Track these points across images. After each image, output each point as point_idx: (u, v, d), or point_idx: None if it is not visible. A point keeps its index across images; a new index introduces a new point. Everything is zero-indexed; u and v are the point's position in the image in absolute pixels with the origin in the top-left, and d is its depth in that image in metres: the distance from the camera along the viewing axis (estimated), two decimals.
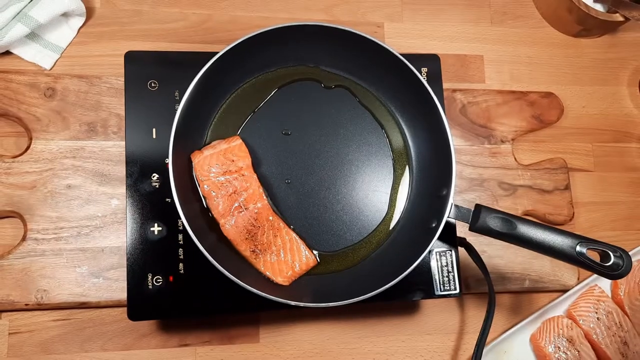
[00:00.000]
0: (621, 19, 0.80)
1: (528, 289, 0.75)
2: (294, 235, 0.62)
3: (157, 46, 0.72)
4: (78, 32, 0.71)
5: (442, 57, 0.72)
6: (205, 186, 0.60)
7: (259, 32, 0.60)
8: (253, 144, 0.64)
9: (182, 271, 0.60)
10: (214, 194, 0.60)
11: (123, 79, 0.63)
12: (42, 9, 0.65)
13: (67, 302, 0.62)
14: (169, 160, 0.56)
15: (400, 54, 0.63)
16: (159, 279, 0.59)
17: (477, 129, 0.77)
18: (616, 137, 0.85)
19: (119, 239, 0.64)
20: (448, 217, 0.60)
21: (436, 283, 0.66)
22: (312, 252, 0.63)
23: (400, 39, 0.80)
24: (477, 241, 0.69)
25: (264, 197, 0.62)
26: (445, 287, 0.66)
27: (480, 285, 0.71)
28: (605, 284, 0.77)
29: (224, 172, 0.61)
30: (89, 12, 0.71)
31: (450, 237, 0.67)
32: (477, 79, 0.81)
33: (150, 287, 0.59)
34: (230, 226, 0.60)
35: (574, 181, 0.81)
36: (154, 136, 0.62)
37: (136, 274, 0.59)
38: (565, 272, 0.76)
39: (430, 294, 0.66)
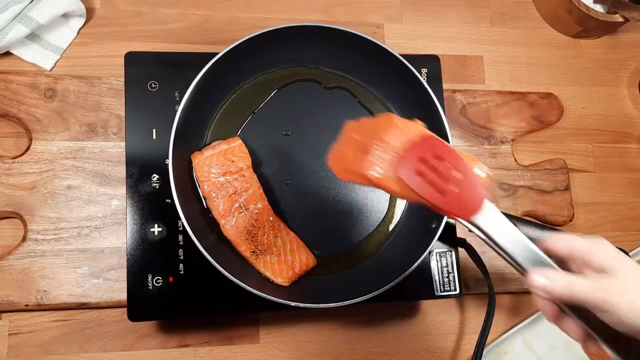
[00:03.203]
0: (621, 19, 0.80)
1: (528, 290, 0.74)
2: (294, 235, 0.62)
3: (157, 47, 0.72)
4: (78, 32, 0.71)
5: (442, 58, 0.72)
6: (205, 187, 0.60)
7: (258, 32, 0.60)
8: (253, 144, 0.64)
9: (182, 272, 0.60)
10: (214, 194, 0.60)
11: (123, 80, 0.63)
12: (42, 10, 0.65)
13: (67, 303, 0.62)
14: (169, 161, 0.56)
15: (400, 55, 0.63)
16: (159, 279, 0.59)
17: (477, 129, 0.77)
18: (616, 137, 0.85)
19: (119, 240, 0.64)
20: (448, 217, 0.60)
21: (436, 284, 0.66)
22: (312, 252, 0.63)
23: (400, 39, 0.80)
24: (477, 242, 0.69)
25: (264, 198, 0.62)
26: (445, 288, 0.66)
27: (480, 286, 0.71)
28: None
29: (224, 173, 0.61)
30: (89, 13, 0.71)
31: (450, 238, 0.67)
32: (477, 80, 0.81)
33: (150, 287, 0.59)
34: (231, 226, 0.60)
35: (573, 182, 0.81)
36: (154, 137, 0.62)
37: (136, 274, 0.59)
38: None
39: (430, 294, 0.66)
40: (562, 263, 0.45)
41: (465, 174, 0.44)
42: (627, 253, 0.55)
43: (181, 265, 0.60)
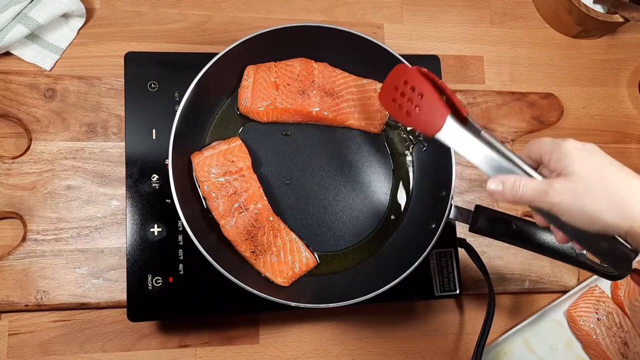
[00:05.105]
0: (621, 20, 0.80)
1: (528, 290, 0.75)
2: (294, 236, 0.62)
3: (157, 47, 0.72)
4: (78, 33, 0.71)
5: (442, 58, 0.72)
6: (205, 187, 0.60)
7: (258, 33, 0.60)
8: (253, 144, 0.64)
9: (182, 272, 0.60)
10: (214, 194, 0.60)
11: (123, 80, 0.63)
12: (42, 10, 0.65)
13: (67, 303, 0.62)
14: (169, 161, 0.56)
15: (400, 55, 0.63)
16: (158, 279, 0.59)
17: None
18: (616, 138, 0.85)
19: (119, 240, 0.64)
20: (448, 218, 0.60)
21: (436, 284, 0.66)
22: (312, 253, 0.63)
23: (400, 40, 0.80)
24: (477, 242, 0.69)
25: (264, 198, 0.62)
26: (445, 288, 0.66)
27: (480, 286, 0.71)
28: (605, 284, 0.77)
29: (224, 173, 0.61)
30: (89, 13, 0.71)
31: (450, 238, 0.67)
32: (477, 80, 0.81)
33: (150, 288, 0.59)
34: (231, 227, 0.60)
35: None
36: (154, 137, 0.62)
37: (136, 274, 0.59)
38: (565, 273, 0.76)
39: (430, 294, 0.66)
40: (540, 167, 0.47)
41: (426, 95, 0.50)
42: None
43: (181, 266, 0.60)
